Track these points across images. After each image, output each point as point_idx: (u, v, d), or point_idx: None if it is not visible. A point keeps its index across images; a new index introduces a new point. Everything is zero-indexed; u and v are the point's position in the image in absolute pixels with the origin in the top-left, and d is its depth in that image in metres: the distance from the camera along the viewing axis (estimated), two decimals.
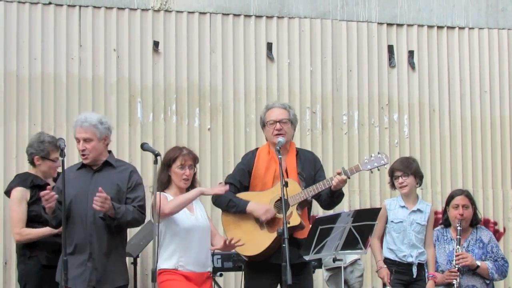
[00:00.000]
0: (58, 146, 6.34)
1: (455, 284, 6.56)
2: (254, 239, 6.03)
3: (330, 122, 8.56)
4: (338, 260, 6.01)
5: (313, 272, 6.76)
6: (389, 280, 6.59)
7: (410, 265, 6.65)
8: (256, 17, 8.47)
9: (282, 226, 5.47)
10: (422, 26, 8.95)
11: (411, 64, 8.85)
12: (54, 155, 6.52)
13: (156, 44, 8.14)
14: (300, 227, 5.96)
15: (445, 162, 8.82)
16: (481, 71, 9.05)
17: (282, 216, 5.52)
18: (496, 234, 8.63)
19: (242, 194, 6.14)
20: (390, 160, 6.37)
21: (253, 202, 6.02)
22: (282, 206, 5.56)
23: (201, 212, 5.90)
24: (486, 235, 6.83)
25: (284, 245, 5.39)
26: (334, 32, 8.68)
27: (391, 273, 6.63)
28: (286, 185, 5.67)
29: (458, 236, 6.63)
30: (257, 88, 8.39)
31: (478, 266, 6.64)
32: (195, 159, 5.91)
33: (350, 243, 5.83)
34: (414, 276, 6.66)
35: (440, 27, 9.00)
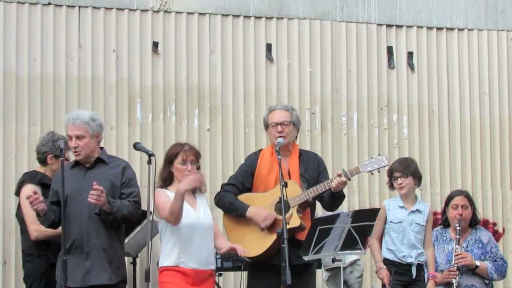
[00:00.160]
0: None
1: (454, 283, 6.56)
2: (254, 241, 6.03)
3: (329, 123, 8.56)
4: (338, 260, 6.00)
5: None
6: (388, 281, 6.59)
7: (409, 265, 6.65)
8: (255, 18, 8.48)
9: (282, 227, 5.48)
10: (422, 27, 8.95)
11: (411, 65, 8.86)
12: (66, 154, 6.54)
13: (155, 44, 8.14)
14: (300, 229, 5.96)
15: (444, 163, 8.82)
16: (480, 73, 9.06)
17: (282, 217, 5.53)
18: (495, 235, 8.63)
19: (243, 196, 6.15)
20: (390, 161, 6.37)
21: (253, 207, 6.03)
22: (281, 207, 5.57)
23: (204, 209, 5.84)
24: (485, 236, 6.83)
25: (283, 245, 5.40)
26: (334, 33, 8.69)
27: (390, 274, 6.63)
28: (286, 185, 5.67)
29: (457, 236, 6.63)
30: (256, 89, 8.39)
31: (477, 266, 6.64)
32: (197, 155, 5.87)
33: (349, 244, 5.83)
34: (413, 276, 6.65)
35: (439, 28, 9.01)
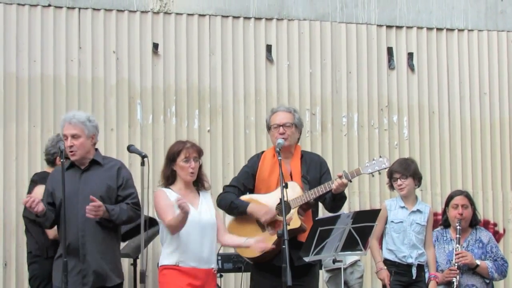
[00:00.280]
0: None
1: (455, 282, 6.56)
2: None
3: (329, 124, 8.56)
4: (338, 261, 5.99)
5: None
6: (389, 281, 6.59)
7: (409, 266, 6.65)
8: (255, 19, 8.48)
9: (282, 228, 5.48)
10: (422, 28, 8.96)
11: (411, 66, 8.86)
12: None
13: (155, 46, 8.14)
14: (301, 230, 5.96)
15: (444, 164, 8.83)
16: (480, 73, 9.06)
17: (282, 218, 5.52)
18: (496, 235, 8.63)
19: (245, 197, 6.16)
20: (390, 162, 6.37)
21: (253, 203, 6.04)
22: (282, 208, 5.57)
23: (207, 207, 5.78)
24: (485, 236, 6.83)
25: (284, 246, 5.40)
26: (334, 34, 8.69)
27: (391, 274, 6.63)
28: (286, 186, 5.67)
29: (457, 235, 6.63)
30: (256, 90, 8.39)
31: (477, 265, 6.64)
32: (200, 152, 5.80)
33: (350, 245, 5.82)
34: (413, 277, 6.65)
35: (439, 29, 9.01)
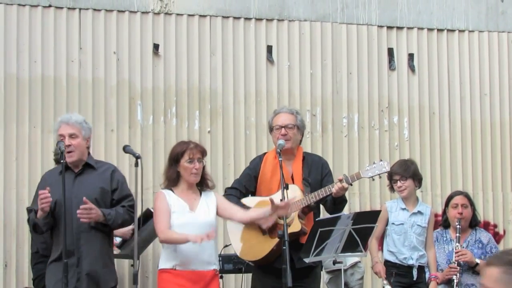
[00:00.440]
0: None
1: (455, 279, 6.56)
2: (256, 244, 6.03)
3: (330, 125, 8.56)
4: (338, 262, 6.01)
5: None
6: (385, 274, 6.58)
7: (410, 267, 6.65)
8: (256, 20, 8.48)
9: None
10: (422, 29, 8.95)
11: (411, 67, 8.85)
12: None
13: (156, 46, 8.14)
14: (301, 233, 5.95)
15: (445, 165, 8.82)
16: (481, 74, 9.05)
17: (283, 220, 5.52)
18: (496, 236, 8.63)
19: (246, 200, 6.15)
20: (390, 163, 6.36)
21: (255, 208, 6.03)
22: None
23: (207, 208, 5.72)
24: (485, 236, 6.84)
25: (284, 247, 5.39)
26: (334, 35, 8.69)
27: (392, 275, 6.63)
28: (287, 187, 5.67)
29: (457, 234, 6.63)
30: (257, 91, 8.39)
31: (477, 264, 6.64)
32: (203, 152, 5.76)
33: (350, 246, 5.82)
34: (414, 278, 6.66)
35: (440, 30, 9.01)
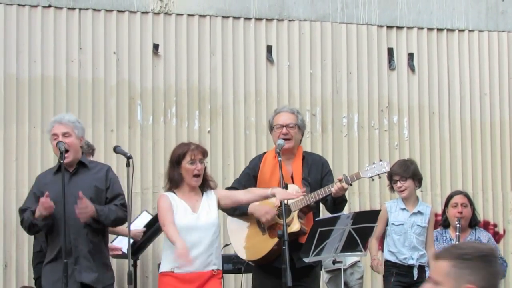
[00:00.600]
0: (91, 152, 6.50)
1: None
2: (256, 244, 6.04)
3: (330, 125, 8.56)
4: (338, 262, 6.00)
5: None
6: (382, 269, 6.59)
7: (411, 267, 6.65)
8: (256, 19, 8.48)
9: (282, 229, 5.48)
10: (422, 28, 8.95)
11: (411, 66, 8.85)
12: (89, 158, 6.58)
13: (156, 46, 8.14)
14: (301, 233, 5.95)
15: (445, 165, 8.82)
16: (481, 74, 9.05)
17: (282, 220, 5.52)
18: (496, 236, 8.62)
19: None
20: (390, 163, 6.36)
21: (254, 204, 6.03)
22: (282, 210, 5.57)
23: (208, 209, 5.70)
24: (485, 236, 6.84)
25: (284, 247, 5.40)
26: (334, 34, 8.69)
27: (392, 275, 6.63)
28: (286, 187, 5.67)
29: (457, 233, 6.63)
30: (257, 90, 8.39)
31: None
32: (204, 153, 5.73)
33: (350, 245, 5.82)
34: (415, 278, 6.65)
35: (440, 30, 9.00)
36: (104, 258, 5.89)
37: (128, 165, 5.65)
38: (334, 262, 5.99)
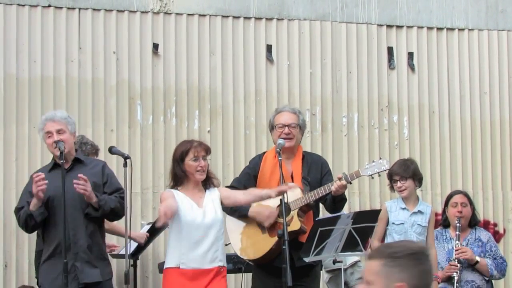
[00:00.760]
0: (95, 152, 6.59)
1: (456, 277, 6.55)
2: (255, 243, 6.04)
3: (329, 124, 8.55)
4: (338, 262, 6.00)
5: None
6: None
7: None
8: (255, 19, 8.47)
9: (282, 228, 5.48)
10: (422, 27, 8.94)
11: (411, 65, 8.85)
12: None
13: (155, 46, 8.13)
14: (301, 232, 5.96)
15: (445, 164, 8.82)
16: (480, 73, 9.04)
17: (282, 219, 5.52)
18: (496, 235, 8.63)
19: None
20: (390, 162, 6.36)
21: (255, 206, 6.02)
22: (282, 210, 5.57)
23: (213, 205, 5.69)
24: (485, 235, 6.84)
25: (284, 247, 5.39)
26: (334, 34, 8.68)
27: None
28: None
29: (457, 232, 6.62)
30: (256, 90, 8.39)
31: (477, 262, 6.63)
32: (207, 150, 5.75)
33: (350, 245, 5.82)
34: None
35: (439, 29, 9.00)
36: (103, 252, 5.91)
37: (125, 165, 5.64)
38: (334, 262, 5.98)
